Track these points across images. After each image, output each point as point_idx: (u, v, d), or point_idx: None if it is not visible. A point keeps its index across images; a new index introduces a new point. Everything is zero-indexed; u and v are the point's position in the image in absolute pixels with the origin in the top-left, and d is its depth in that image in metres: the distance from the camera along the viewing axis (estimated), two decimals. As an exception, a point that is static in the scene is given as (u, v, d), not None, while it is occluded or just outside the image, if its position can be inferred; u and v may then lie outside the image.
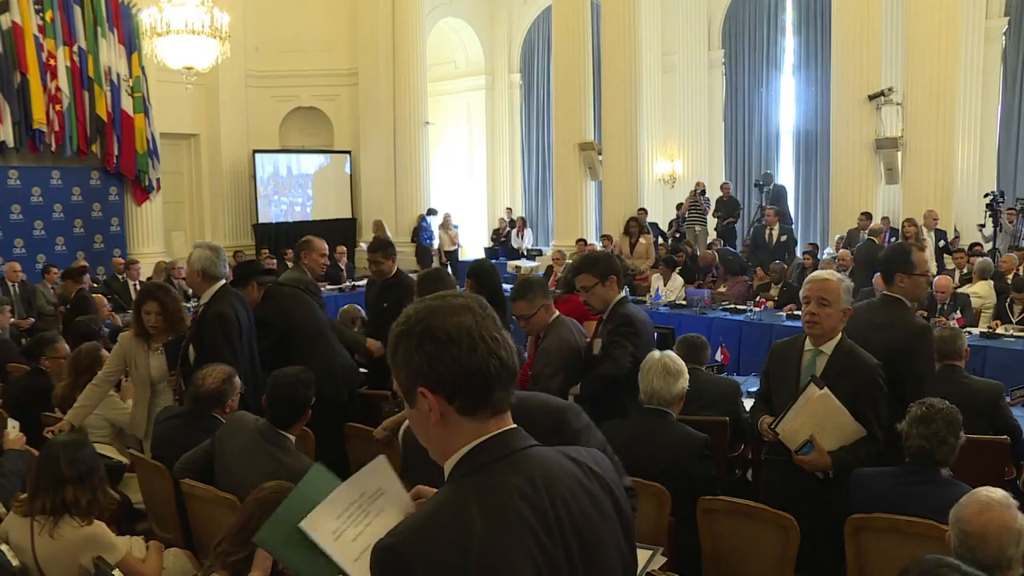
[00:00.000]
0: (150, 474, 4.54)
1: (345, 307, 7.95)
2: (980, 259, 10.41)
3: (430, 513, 1.49)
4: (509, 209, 20.96)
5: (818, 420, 3.70)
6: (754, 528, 3.68)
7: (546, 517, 1.50)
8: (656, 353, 4.13)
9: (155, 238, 16.40)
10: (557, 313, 4.76)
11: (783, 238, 13.28)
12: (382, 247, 6.39)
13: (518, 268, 14.86)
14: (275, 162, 18.67)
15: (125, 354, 5.18)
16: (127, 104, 15.31)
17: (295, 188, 18.97)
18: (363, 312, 7.37)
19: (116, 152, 15.33)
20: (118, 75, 15.17)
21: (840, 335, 3.86)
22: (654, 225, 15.82)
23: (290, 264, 8.79)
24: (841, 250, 11.98)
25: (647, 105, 16.60)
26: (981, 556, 2.56)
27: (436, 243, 18.37)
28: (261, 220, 18.30)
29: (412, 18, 18.60)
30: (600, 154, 16.08)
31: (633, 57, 15.67)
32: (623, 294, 4.80)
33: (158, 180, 16.09)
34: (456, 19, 21.25)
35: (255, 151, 18.26)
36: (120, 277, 12.71)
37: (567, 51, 16.30)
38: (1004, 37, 15.85)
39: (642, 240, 14.12)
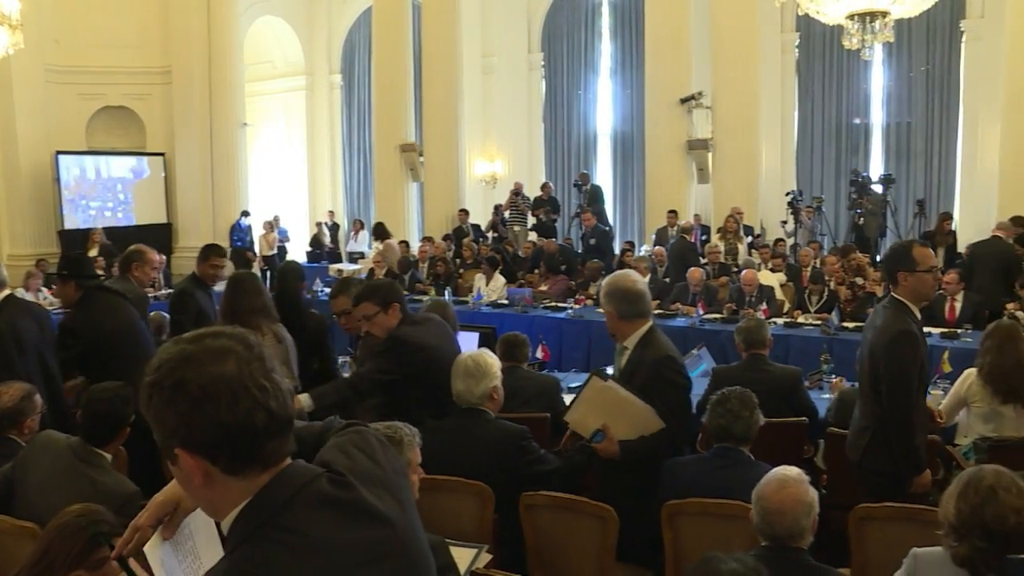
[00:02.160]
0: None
1: (152, 314, 7.59)
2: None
3: None
4: (331, 212, 20.63)
5: (606, 410, 3.90)
6: (574, 520, 3.75)
7: (340, 565, 1.37)
8: (463, 355, 4.14)
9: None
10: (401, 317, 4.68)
11: (591, 241, 13.58)
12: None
13: (340, 271, 14.64)
14: (81, 164, 17.61)
15: None
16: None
17: (105, 192, 17.99)
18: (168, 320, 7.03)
19: None
20: None
21: (643, 331, 4.04)
22: (475, 226, 15.96)
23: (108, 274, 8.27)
24: (656, 247, 12.43)
25: (468, 106, 16.71)
26: (779, 529, 2.73)
27: (257, 247, 17.88)
28: (67, 226, 17.15)
29: (228, 15, 17.97)
30: (421, 156, 16.08)
31: (454, 59, 15.75)
32: (405, 316, 4.52)
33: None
34: (274, 17, 20.65)
35: (58, 152, 17.10)
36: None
37: (387, 52, 16.22)
38: (796, 50, 17.15)
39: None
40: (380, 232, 14.74)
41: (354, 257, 17.98)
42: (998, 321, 5.46)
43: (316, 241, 19.44)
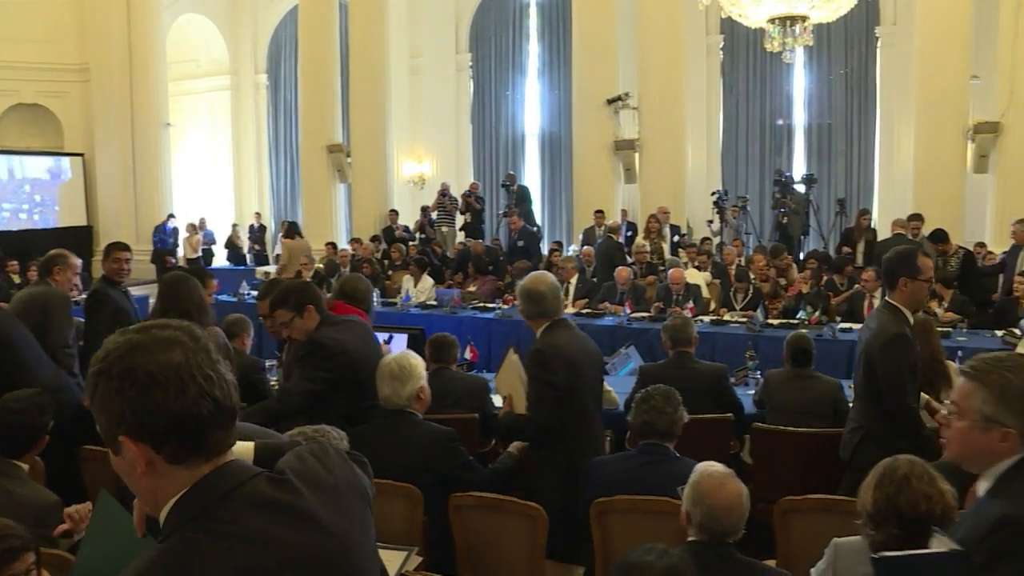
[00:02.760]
0: None
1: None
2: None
3: None
4: (258, 214, 20.32)
5: (511, 383, 4.25)
6: (504, 520, 3.75)
7: (271, 564, 1.36)
8: (388, 357, 4.11)
9: None
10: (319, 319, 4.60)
11: (520, 243, 13.60)
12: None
13: (267, 274, 14.46)
14: (-9, 164, 17.07)
15: None
16: None
17: (18, 193, 17.49)
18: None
19: None
20: None
21: (543, 328, 4.16)
22: (404, 228, 15.90)
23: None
24: (584, 247, 12.51)
25: (396, 107, 16.63)
26: (727, 526, 2.76)
27: (181, 251, 17.55)
28: (-24, 229, 16.64)
29: (148, 11, 17.59)
30: (349, 156, 15.95)
31: (381, 59, 15.67)
32: (325, 316, 4.41)
33: None
34: (197, 15, 20.30)
35: (-33, 151, 16.58)
36: None
37: (314, 52, 16.06)
38: (721, 52, 17.47)
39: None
40: (289, 231, 14.63)
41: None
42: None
43: (232, 244, 19.13)
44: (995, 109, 12.73)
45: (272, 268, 15.93)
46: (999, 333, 8.06)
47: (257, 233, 19.48)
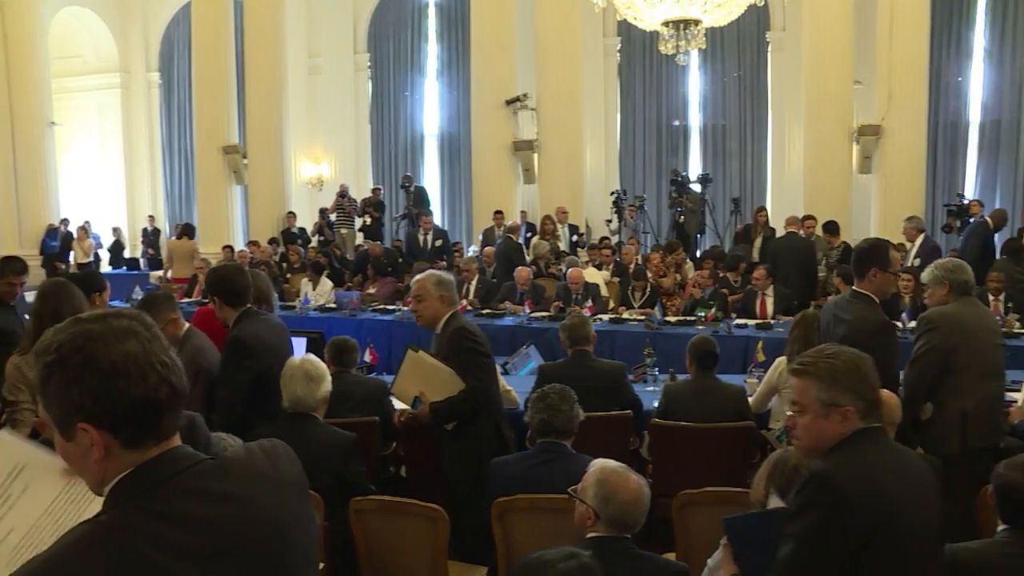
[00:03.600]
0: None
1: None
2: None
3: (54, 556, 1.32)
4: (151, 217, 19.73)
5: (421, 378, 4.38)
6: (405, 523, 3.74)
7: (204, 549, 1.39)
8: (296, 359, 4.07)
9: None
10: (187, 326, 4.53)
11: (438, 242, 13.52)
12: None
13: (161, 278, 14.08)
14: None
15: None
16: None
17: None
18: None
19: None
20: None
21: (447, 316, 4.42)
22: (302, 230, 15.66)
23: None
24: (485, 248, 12.52)
25: (293, 108, 16.38)
26: (639, 517, 2.82)
27: (72, 256, 16.93)
28: None
29: (25, 2, 16.77)
30: (245, 158, 15.64)
31: (278, 58, 15.40)
32: (244, 311, 4.48)
33: None
34: (81, 8, 19.48)
35: None
36: None
37: (208, 50, 15.67)
38: (618, 54, 17.75)
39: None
40: (181, 232, 14.33)
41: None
42: (803, 311, 5.76)
43: (116, 248, 18.55)
44: (876, 113, 13.28)
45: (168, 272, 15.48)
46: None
47: (151, 237, 18.92)
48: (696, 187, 14.33)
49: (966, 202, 13.73)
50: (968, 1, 16.38)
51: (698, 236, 14.34)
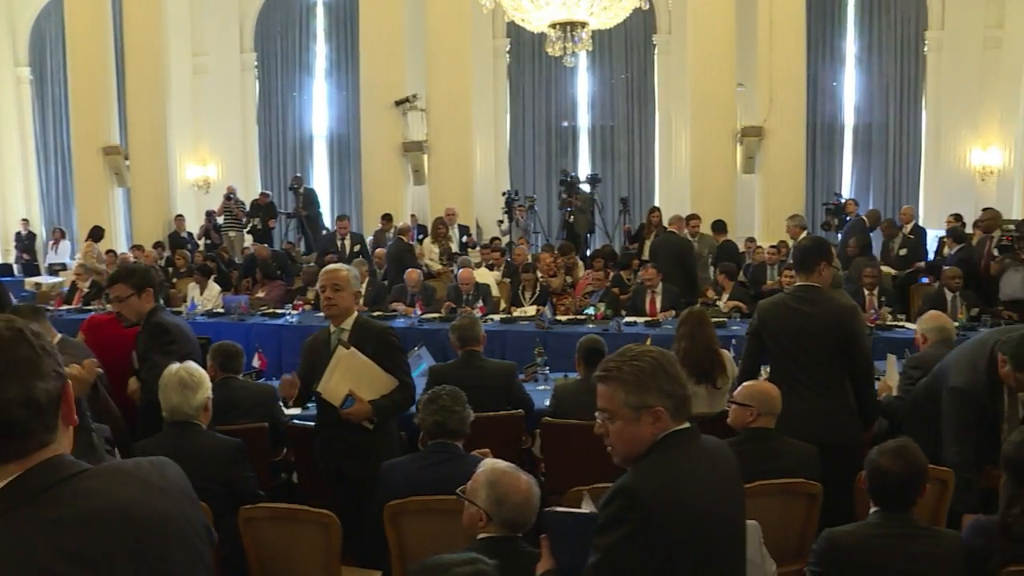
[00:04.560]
0: None
1: None
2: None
3: None
4: (25, 220, 18.79)
5: (353, 375, 4.26)
6: (297, 529, 3.69)
7: (94, 554, 1.35)
8: (173, 366, 3.99)
9: None
10: (60, 337, 4.56)
11: (356, 247, 13.19)
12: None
13: (38, 285, 13.53)
14: None
15: None
16: None
17: None
18: None
19: None
20: None
21: (355, 313, 4.46)
22: (189, 234, 15.26)
23: None
24: (377, 249, 12.43)
25: (177, 107, 15.96)
26: (526, 519, 2.83)
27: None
28: None
29: None
30: (127, 159, 15.14)
31: (159, 56, 14.96)
32: (157, 304, 4.67)
33: None
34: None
35: None
36: None
37: (83, 45, 15.03)
38: (508, 55, 17.88)
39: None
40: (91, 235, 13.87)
41: (55, 269, 16.56)
42: (689, 308, 5.92)
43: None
44: (758, 115, 13.73)
45: (45, 279, 14.85)
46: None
47: (26, 241, 18.08)
48: (585, 187, 14.53)
49: (843, 201, 14.34)
50: (840, 11, 17.21)
51: (588, 236, 14.55)
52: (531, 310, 9.44)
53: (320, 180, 18.52)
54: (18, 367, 1.39)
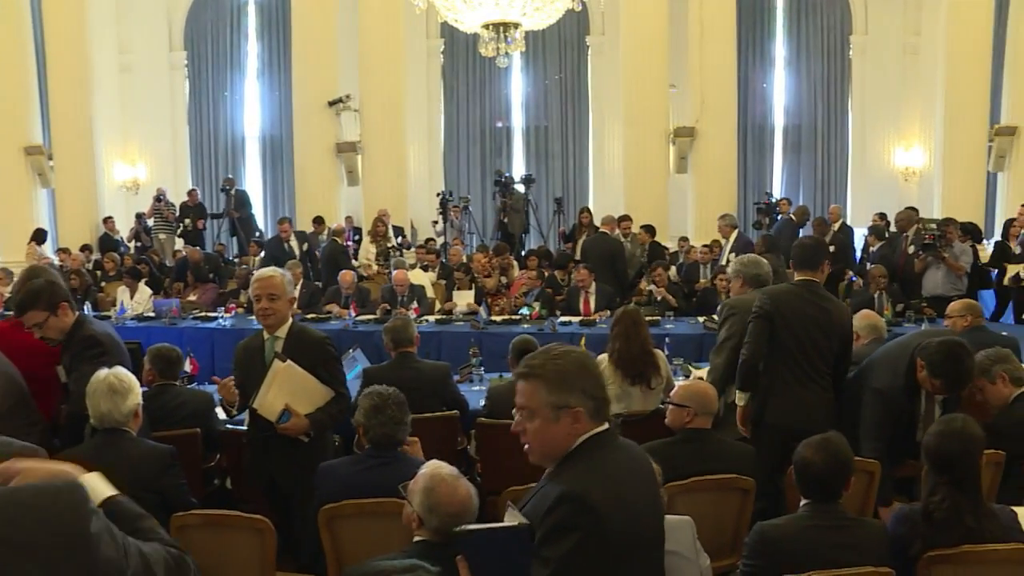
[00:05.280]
0: None
1: None
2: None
3: None
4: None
5: (289, 389, 4.16)
6: (231, 536, 3.64)
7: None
8: (102, 372, 3.89)
9: None
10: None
11: (304, 246, 12.98)
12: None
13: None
14: None
15: None
16: None
17: None
18: None
19: None
20: None
21: (291, 320, 4.37)
22: (120, 238, 14.92)
23: None
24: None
25: (104, 106, 15.58)
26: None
27: None
28: None
29: None
30: (51, 159, 14.75)
31: (83, 53, 14.57)
32: (80, 315, 4.44)
33: None
34: None
35: None
36: None
37: (1, 42, 14.59)
38: (442, 55, 17.85)
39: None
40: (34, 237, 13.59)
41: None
42: (623, 308, 5.96)
43: None
44: (691, 116, 13.93)
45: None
46: (701, 320, 8.75)
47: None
48: (520, 187, 14.58)
49: (774, 200, 14.61)
50: (769, 15, 17.59)
51: (522, 236, 14.59)
52: (467, 295, 9.46)
53: (253, 181, 18.29)
54: None
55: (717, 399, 4.26)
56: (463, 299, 9.69)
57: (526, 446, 2.34)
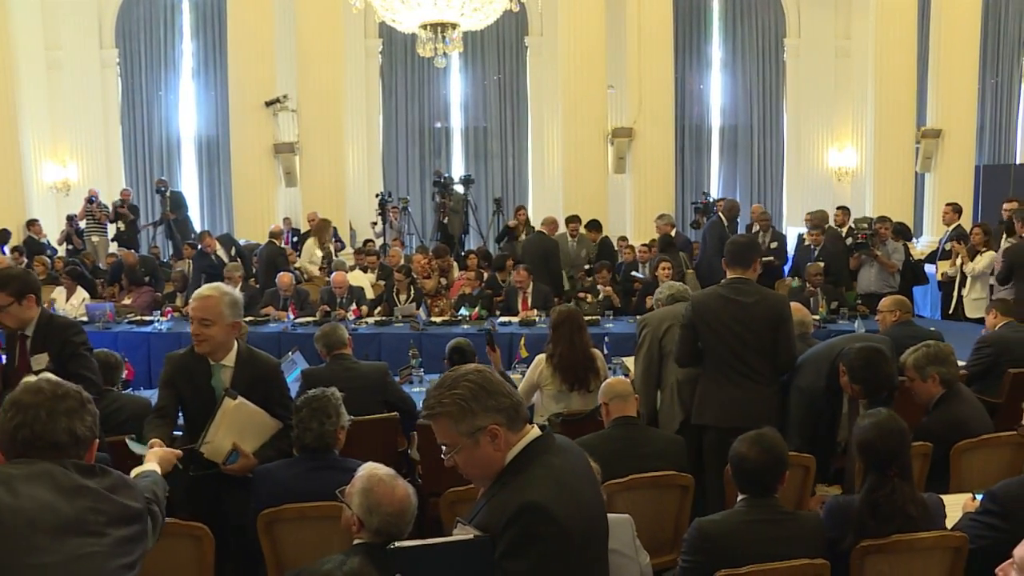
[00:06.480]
0: None
1: None
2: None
3: None
4: None
5: (238, 428, 3.89)
6: (167, 544, 3.56)
7: None
8: (32, 379, 3.79)
9: None
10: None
11: (232, 250, 12.76)
12: None
13: None
14: None
15: None
16: None
17: None
18: None
19: None
20: None
21: (236, 346, 4.06)
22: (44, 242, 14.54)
23: None
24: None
25: (31, 104, 15.22)
26: (399, 529, 2.80)
27: None
28: None
29: None
30: (-26, 159, 14.32)
31: (6, 48, 14.14)
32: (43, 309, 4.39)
33: None
34: None
35: None
36: None
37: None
38: (380, 55, 17.77)
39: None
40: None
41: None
42: (561, 309, 5.96)
43: None
44: (629, 116, 14.07)
45: None
46: (640, 318, 8.81)
47: None
48: (459, 188, 14.58)
49: (712, 200, 14.80)
50: (705, 17, 17.86)
51: (462, 236, 14.60)
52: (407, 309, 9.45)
53: (189, 182, 17.98)
54: None
55: (629, 387, 4.46)
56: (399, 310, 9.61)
57: (466, 476, 2.35)
